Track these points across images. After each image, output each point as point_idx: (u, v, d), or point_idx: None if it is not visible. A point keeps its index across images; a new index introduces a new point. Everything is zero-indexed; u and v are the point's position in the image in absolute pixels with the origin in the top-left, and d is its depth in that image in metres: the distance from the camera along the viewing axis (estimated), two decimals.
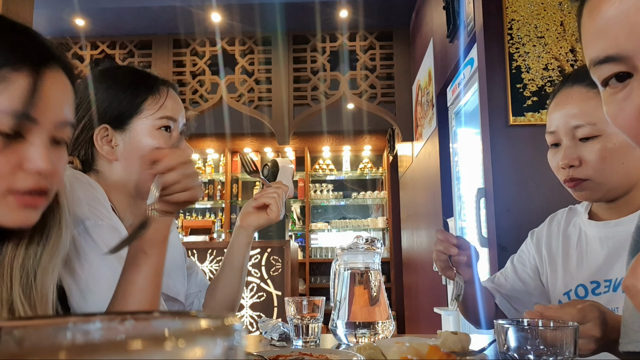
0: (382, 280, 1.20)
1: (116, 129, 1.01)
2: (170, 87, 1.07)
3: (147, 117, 1.02)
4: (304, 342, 1.14)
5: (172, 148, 1.01)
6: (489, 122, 2.09)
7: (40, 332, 0.21)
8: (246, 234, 1.23)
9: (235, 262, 1.22)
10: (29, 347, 0.20)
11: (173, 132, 1.05)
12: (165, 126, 1.03)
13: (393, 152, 5.51)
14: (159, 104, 1.03)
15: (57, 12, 4.06)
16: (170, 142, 1.04)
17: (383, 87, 4.49)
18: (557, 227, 1.21)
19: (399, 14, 4.31)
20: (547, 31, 2.09)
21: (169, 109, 1.04)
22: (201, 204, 6.29)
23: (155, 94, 1.03)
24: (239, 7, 4.14)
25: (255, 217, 1.22)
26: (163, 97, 1.04)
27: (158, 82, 1.06)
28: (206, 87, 4.51)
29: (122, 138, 1.01)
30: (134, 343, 0.16)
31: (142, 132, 1.01)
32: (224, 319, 0.20)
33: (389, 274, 5.74)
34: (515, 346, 0.71)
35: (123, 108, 1.01)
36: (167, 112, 1.03)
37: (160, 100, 1.03)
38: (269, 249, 3.11)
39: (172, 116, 1.04)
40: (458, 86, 2.78)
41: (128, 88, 1.02)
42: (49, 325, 0.22)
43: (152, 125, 1.02)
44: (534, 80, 2.06)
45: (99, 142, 1.00)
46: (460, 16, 2.62)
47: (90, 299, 0.85)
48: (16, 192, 0.62)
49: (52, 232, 0.71)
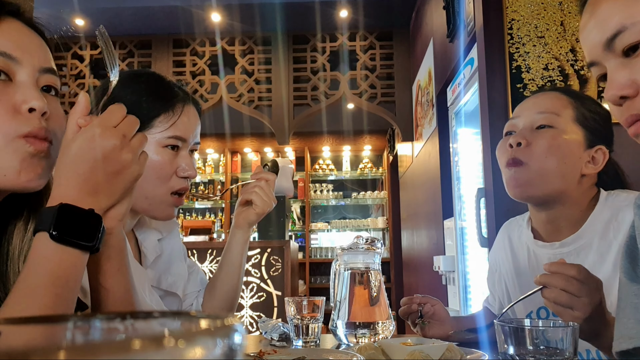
0: (382, 280, 1.20)
1: None
2: (186, 105, 1.05)
3: (155, 133, 1.00)
4: (304, 342, 1.14)
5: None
6: (489, 122, 2.09)
7: (40, 332, 0.21)
8: (241, 232, 1.23)
9: (232, 261, 1.22)
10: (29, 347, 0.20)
11: (181, 151, 1.03)
12: (173, 145, 1.01)
13: (393, 152, 5.51)
14: (170, 122, 1.01)
15: (57, 12, 4.06)
16: (173, 161, 1.02)
17: (383, 87, 4.49)
18: (503, 242, 1.22)
19: (399, 14, 4.31)
20: (547, 31, 2.09)
21: (180, 128, 1.02)
22: (201, 204, 6.29)
23: (168, 111, 1.01)
24: (239, 7, 4.14)
25: (245, 214, 1.23)
26: (177, 115, 1.02)
27: (176, 98, 1.03)
28: (206, 87, 4.51)
29: None
30: (134, 343, 0.16)
31: (147, 147, 1.01)
32: (224, 319, 0.20)
33: (389, 274, 5.74)
34: (515, 346, 0.71)
35: None
36: (177, 132, 1.01)
37: (172, 119, 1.01)
38: (269, 249, 3.11)
39: (181, 136, 1.02)
40: (458, 86, 2.77)
41: (144, 101, 1.00)
42: (49, 325, 0.22)
43: (159, 142, 1.00)
44: (534, 80, 2.06)
45: None
46: (460, 16, 2.62)
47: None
48: (21, 135, 0.64)
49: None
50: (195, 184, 6.43)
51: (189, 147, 1.05)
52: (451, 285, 2.95)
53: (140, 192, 0.99)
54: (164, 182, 1.01)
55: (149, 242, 1.10)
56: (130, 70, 1.09)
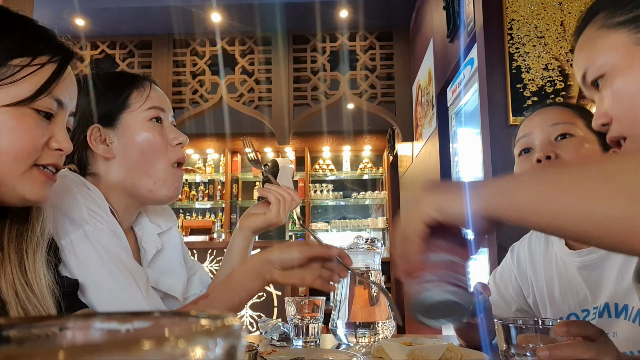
0: (382, 281, 1.20)
1: (107, 127, 1.01)
2: (152, 82, 1.09)
3: (135, 110, 1.02)
4: (304, 342, 1.14)
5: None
6: (489, 122, 2.09)
7: (40, 332, 0.21)
8: (243, 235, 1.19)
9: (233, 264, 1.21)
10: (29, 347, 0.20)
11: (164, 122, 1.06)
12: (156, 117, 1.04)
13: (393, 152, 5.51)
14: (144, 96, 1.04)
15: (57, 12, 4.07)
16: (162, 132, 1.04)
17: (383, 87, 4.49)
18: (538, 247, 1.20)
19: (399, 14, 4.31)
20: (547, 31, 2.09)
21: (155, 99, 1.05)
22: (201, 204, 6.29)
23: (139, 88, 1.04)
24: (239, 7, 4.14)
25: (253, 219, 1.18)
26: (147, 90, 1.05)
27: (139, 77, 1.07)
28: (206, 87, 4.51)
29: (116, 134, 1.01)
30: (134, 343, 0.16)
31: (134, 126, 1.02)
32: (224, 319, 0.20)
33: (389, 274, 5.73)
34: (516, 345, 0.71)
35: (110, 105, 1.02)
36: (154, 102, 1.04)
37: (145, 93, 1.04)
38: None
39: (159, 106, 1.05)
40: (458, 86, 2.77)
41: (111, 86, 1.03)
42: (49, 325, 0.22)
43: (143, 117, 1.02)
44: (534, 80, 2.06)
45: (93, 142, 1.00)
46: (460, 16, 2.62)
47: (91, 304, 0.85)
48: (40, 166, 0.71)
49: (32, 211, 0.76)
50: (196, 184, 6.43)
51: (169, 119, 1.08)
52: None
53: (143, 171, 1.01)
54: (162, 154, 1.03)
55: (148, 237, 1.09)
56: (82, 75, 1.11)
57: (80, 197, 0.90)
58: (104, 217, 0.92)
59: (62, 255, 0.85)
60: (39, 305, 0.70)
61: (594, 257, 1.05)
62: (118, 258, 0.89)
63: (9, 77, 0.66)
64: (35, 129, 0.69)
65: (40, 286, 0.72)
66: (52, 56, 0.70)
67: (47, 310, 0.71)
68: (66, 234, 0.86)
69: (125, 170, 1.01)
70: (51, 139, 0.71)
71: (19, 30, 0.70)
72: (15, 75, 0.67)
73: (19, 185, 0.68)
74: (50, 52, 0.71)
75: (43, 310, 0.70)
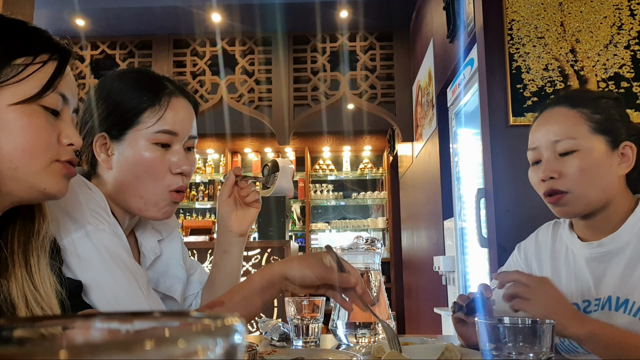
0: (382, 281, 1.20)
1: (113, 139, 0.98)
2: (174, 97, 1.01)
3: (142, 129, 0.97)
4: (304, 343, 1.14)
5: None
6: (489, 123, 2.09)
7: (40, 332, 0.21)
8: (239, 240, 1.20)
9: (234, 270, 1.21)
10: (29, 347, 0.20)
11: (173, 147, 1.00)
12: (163, 143, 0.98)
13: (393, 152, 5.51)
14: (156, 117, 0.97)
15: (57, 12, 4.06)
16: (164, 159, 0.99)
17: (383, 87, 4.49)
18: (545, 241, 1.22)
19: (399, 14, 4.31)
20: (547, 31, 2.09)
21: (168, 121, 0.98)
22: (201, 204, 6.29)
23: (155, 105, 0.98)
24: (239, 7, 4.14)
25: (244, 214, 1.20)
26: (163, 108, 0.98)
27: (163, 91, 1.00)
28: (206, 88, 4.51)
29: (118, 148, 0.98)
30: (134, 343, 0.16)
31: (136, 146, 0.97)
32: (224, 319, 0.20)
33: (389, 274, 5.73)
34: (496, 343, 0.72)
35: (121, 118, 0.97)
36: (165, 125, 0.98)
37: (158, 113, 0.98)
38: (269, 249, 3.10)
39: (171, 130, 0.98)
40: (458, 86, 2.77)
41: (129, 97, 0.98)
42: (49, 325, 0.22)
43: (148, 139, 0.97)
44: (534, 81, 2.06)
45: (97, 149, 0.98)
46: (460, 16, 2.62)
47: (92, 303, 0.85)
48: (59, 161, 0.73)
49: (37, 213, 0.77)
50: (196, 184, 6.43)
51: (182, 143, 1.01)
52: (451, 285, 2.95)
53: (133, 191, 0.98)
54: (158, 180, 0.98)
55: (148, 243, 1.09)
56: (118, 70, 1.09)
57: (82, 198, 0.90)
58: (105, 217, 0.92)
59: (64, 256, 0.85)
60: (46, 308, 0.70)
61: (604, 250, 1.07)
62: (119, 258, 0.89)
63: (15, 76, 0.67)
64: (46, 125, 0.70)
65: (46, 288, 0.72)
66: (51, 54, 0.71)
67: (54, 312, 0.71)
68: (68, 234, 0.86)
69: (118, 184, 0.99)
70: (61, 135, 0.72)
71: (17, 32, 0.71)
72: (20, 74, 0.68)
73: (39, 180, 0.70)
74: (49, 50, 0.71)
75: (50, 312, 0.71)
